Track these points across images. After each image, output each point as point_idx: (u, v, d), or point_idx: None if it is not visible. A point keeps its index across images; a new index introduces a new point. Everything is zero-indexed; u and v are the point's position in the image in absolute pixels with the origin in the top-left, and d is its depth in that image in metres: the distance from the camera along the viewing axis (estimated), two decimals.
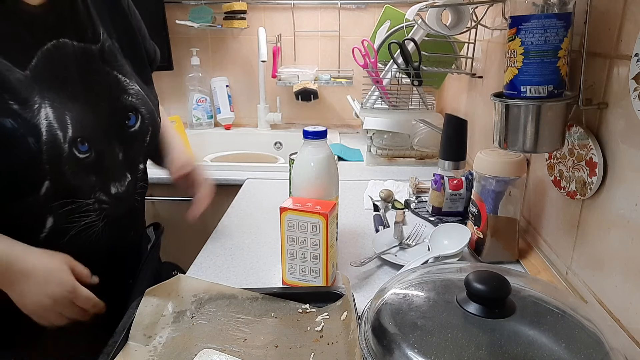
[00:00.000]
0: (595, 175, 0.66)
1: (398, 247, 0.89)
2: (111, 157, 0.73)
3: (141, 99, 0.78)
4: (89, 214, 0.71)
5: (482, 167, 0.83)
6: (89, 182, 0.70)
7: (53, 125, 0.64)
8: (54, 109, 0.64)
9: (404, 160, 1.47)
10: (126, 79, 0.76)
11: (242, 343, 0.60)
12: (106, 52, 0.74)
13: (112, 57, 0.75)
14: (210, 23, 1.80)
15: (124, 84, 0.76)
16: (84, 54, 0.70)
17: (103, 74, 0.73)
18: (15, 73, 0.62)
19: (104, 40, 0.74)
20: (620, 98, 0.62)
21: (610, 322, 0.62)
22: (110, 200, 0.73)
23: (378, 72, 1.30)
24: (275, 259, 0.87)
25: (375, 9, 1.82)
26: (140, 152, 0.80)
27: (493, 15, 1.16)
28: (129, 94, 0.76)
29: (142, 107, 0.78)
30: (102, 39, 0.73)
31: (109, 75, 0.74)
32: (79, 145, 0.67)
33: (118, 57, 0.76)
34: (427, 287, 0.59)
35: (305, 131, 0.79)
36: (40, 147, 0.62)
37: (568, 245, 0.76)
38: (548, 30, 0.63)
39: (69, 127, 0.65)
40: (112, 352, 0.56)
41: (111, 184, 0.73)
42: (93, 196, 0.71)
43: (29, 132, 0.62)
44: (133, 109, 0.76)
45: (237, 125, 1.97)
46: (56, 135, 0.64)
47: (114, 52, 0.76)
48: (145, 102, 0.79)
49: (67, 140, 0.65)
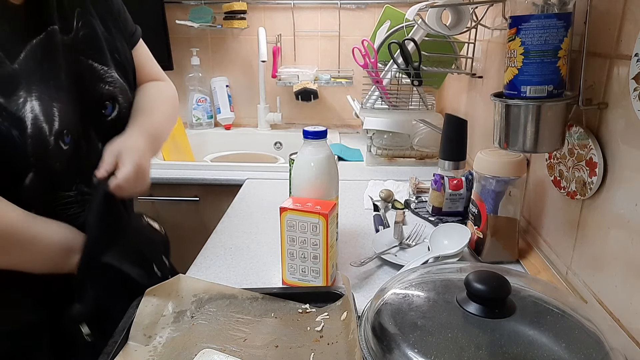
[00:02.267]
0: (595, 175, 0.66)
1: (398, 247, 0.89)
2: (90, 147, 0.72)
3: (119, 87, 0.77)
4: (71, 206, 0.71)
5: (482, 167, 0.83)
6: (70, 173, 0.69)
7: (39, 118, 0.63)
8: (41, 102, 0.64)
9: (404, 160, 1.47)
10: (103, 67, 0.75)
11: (242, 343, 0.60)
12: (80, 40, 0.73)
13: (87, 45, 0.74)
14: (210, 23, 1.80)
15: (100, 72, 0.75)
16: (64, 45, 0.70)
17: (77, 62, 0.72)
18: (3, 66, 0.62)
19: (79, 29, 0.73)
20: (620, 98, 0.62)
21: (610, 322, 0.62)
22: (92, 190, 0.72)
23: (378, 72, 1.30)
24: (275, 259, 0.87)
25: (375, 9, 1.82)
26: None
27: (493, 15, 1.16)
28: (106, 82, 0.75)
29: (120, 96, 0.77)
30: (77, 27, 0.72)
31: (83, 63, 0.73)
32: (65, 137, 0.67)
33: (94, 43, 0.75)
34: (427, 287, 0.59)
35: (305, 131, 0.79)
36: (25, 140, 0.62)
37: (568, 245, 0.76)
38: (548, 30, 0.63)
39: (55, 120, 0.65)
40: (112, 352, 0.56)
41: (92, 175, 0.72)
42: (74, 187, 0.71)
43: (13, 125, 0.61)
44: (110, 97, 0.75)
45: (237, 125, 1.97)
46: (42, 128, 0.63)
47: (90, 40, 0.74)
48: (123, 91, 0.78)
49: (54, 132, 0.65)
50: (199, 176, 1.43)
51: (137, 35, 0.89)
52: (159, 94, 0.90)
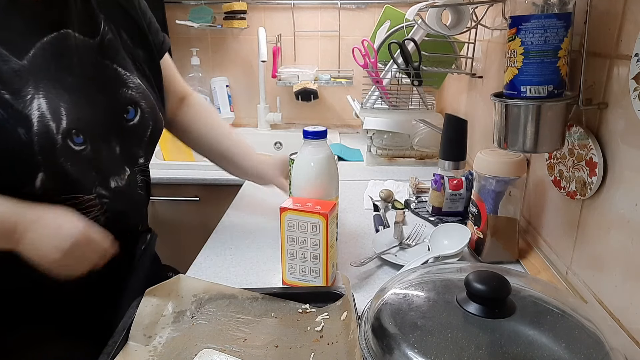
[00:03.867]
0: (595, 175, 0.66)
1: (398, 247, 0.89)
2: (108, 150, 0.73)
3: (142, 92, 0.78)
4: (92, 209, 0.71)
5: (482, 167, 0.83)
6: (89, 176, 0.69)
7: (45, 116, 0.63)
8: (48, 100, 0.64)
9: (404, 160, 1.47)
10: (126, 73, 0.76)
11: (242, 343, 0.60)
12: (105, 45, 0.73)
13: (113, 51, 0.74)
14: (210, 23, 1.80)
15: (124, 77, 0.75)
16: (84, 47, 0.70)
17: (102, 67, 0.73)
18: (10, 63, 0.62)
19: (105, 33, 0.73)
20: (620, 98, 0.62)
21: (610, 322, 0.62)
22: (110, 194, 0.72)
23: (378, 72, 1.30)
24: (275, 259, 0.87)
25: (375, 9, 1.82)
26: (139, 147, 0.79)
27: (493, 15, 1.16)
28: (129, 87, 0.76)
29: (143, 101, 0.77)
30: (103, 32, 0.73)
31: (108, 68, 0.73)
32: (74, 137, 0.66)
33: (120, 50, 0.76)
34: (427, 287, 0.59)
35: (305, 131, 0.79)
36: (31, 137, 0.62)
37: (568, 245, 0.76)
38: (548, 30, 0.63)
39: (63, 118, 0.65)
40: (112, 352, 0.56)
41: (110, 178, 0.73)
42: (94, 191, 0.71)
43: (19, 123, 0.61)
44: (132, 102, 0.76)
45: (237, 125, 1.97)
46: (48, 126, 0.63)
47: (115, 46, 0.75)
48: (146, 96, 0.78)
49: (61, 131, 0.64)
50: (199, 176, 1.43)
51: (166, 44, 0.90)
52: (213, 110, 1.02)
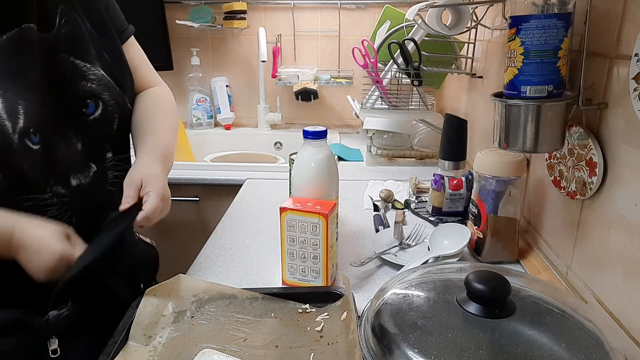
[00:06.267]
0: (595, 175, 0.66)
1: (398, 247, 0.89)
2: (67, 147, 0.70)
3: (104, 84, 0.74)
4: (48, 209, 0.68)
5: (482, 167, 0.83)
6: (42, 175, 0.67)
7: (1, 116, 0.62)
8: (5, 99, 0.62)
9: (404, 160, 1.48)
10: (86, 65, 0.72)
11: (242, 343, 0.60)
12: (62, 37, 0.70)
13: (70, 43, 0.71)
14: (210, 23, 1.80)
15: (82, 70, 0.72)
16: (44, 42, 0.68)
17: (58, 61, 0.70)
18: None
19: (61, 26, 0.70)
20: (620, 98, 0.62)
21: (610, 322, 0.62)
22: (71, 193, 0.70)
23: (378, 72, 1.30)
24: (275, 259, 0.87)
25: (375, 9, 1.82)
26: (105, 141, 0.76)
27: (493, 15, 1.16)
28: (88, 79, 0.72)
29: (105, 93, 0.74)
30: (59, 25, 0.70)
31: (65, 62, 0.70)
32: (31, 136, 0.65)
33: (82, 41, 0.73)
34: (427, 287, 0.59)
35: (305, 131, 0.79)
36: None
37: (568, 245, 0.76)
38: (548, 30, 0.63)
39: (20, 118, 0.63)
40: (112, 352, 0.56)
41: (70, 176, 0.70)
42: (49, 190, 0.68)
43: None
44: (92, 95, 0.73)
45: (237, 125, 1.97)
46: (4, 126, 0.62)
47: (75, 37, 0.72)
48: (109, 88, 0.75)
49: (18, 130, 0.63)
50: (199, 176, 1.43)
51: (128, 33, 0.85)
52: (159, 105, 0.86)
